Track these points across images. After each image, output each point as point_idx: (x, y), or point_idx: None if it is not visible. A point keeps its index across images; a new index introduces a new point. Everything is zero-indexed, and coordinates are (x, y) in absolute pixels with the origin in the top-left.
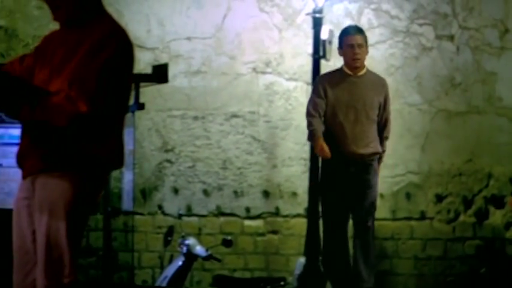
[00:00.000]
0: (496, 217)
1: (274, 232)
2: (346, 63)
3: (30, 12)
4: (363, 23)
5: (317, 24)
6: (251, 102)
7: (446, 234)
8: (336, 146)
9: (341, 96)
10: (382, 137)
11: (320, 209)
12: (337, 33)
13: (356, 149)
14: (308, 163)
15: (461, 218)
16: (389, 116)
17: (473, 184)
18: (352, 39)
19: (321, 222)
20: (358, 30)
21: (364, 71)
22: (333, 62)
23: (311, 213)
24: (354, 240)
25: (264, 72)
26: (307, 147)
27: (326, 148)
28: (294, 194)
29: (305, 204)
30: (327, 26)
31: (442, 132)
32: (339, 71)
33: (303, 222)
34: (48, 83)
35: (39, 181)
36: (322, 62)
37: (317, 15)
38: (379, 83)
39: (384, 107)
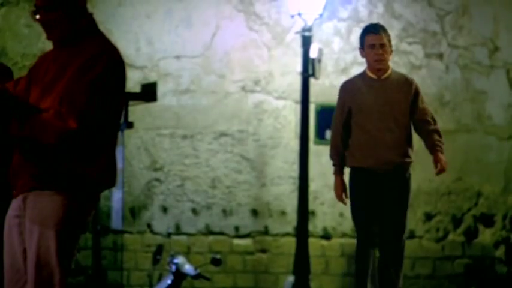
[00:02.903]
0: (486, 236)
1: (263, 251)
2: (368, 65)
3: (19, 30)
4: (352, 42)
5: (306, 42)
6: (240, 120)
7: (435, 252)
8: (367, 156)
9: (365, 103)
10: (429, 130)
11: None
12: (326, 52)
13: (389, 158)
14: (297, 182)
15: (451, 236)
16: (426, 112)
17: (462, 203)
18: (373, 39)
19: (310, 240)
20: (380, 28)
21: (389, 72)
22: (322, 80)
23: (300, 232)
24: (380, 263)
25: (253, 91)
26: (296, 166)
27: (341, 193)
28: (283, 212)
29: (294, 223)
30: (316, 44)
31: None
32: (361, 75)
33: (292, 241)
34: (40, 101)
35: (30, 199)
36: (312, 80)
37: (306, 33)
38: (405, 83)
39: (415, 107)
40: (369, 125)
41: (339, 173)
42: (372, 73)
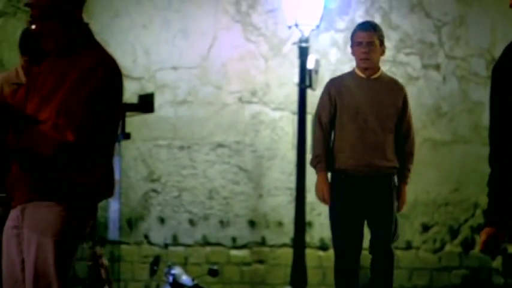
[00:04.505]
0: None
1: (260, 262)
2: (356, 64)
3: (16, 41)
4: (349, 53)
5: (303, 53)
6: (237, 132)
7: (432, 263)
8: (348, 158)
9: (350, 101)
10: (406, 152)
11: (330, 234)
12: (323, 63)
13: (371, 161)
14: (294, 193)
15: (447, 247)
16: (410, 126)
17: (459, 214)
18: (360, 36)
19: (307, 251)
20: (370, 26)
21: (378, 74)
22: (319, 91)
23: (297, 243)
24: (371, 271)
25: (250, 102)
26: (293, 177)
27: (326, 192)
28: (280, 223)
29: (291, 234)
30: (313, 55)
31: (428, 162)
32: (350, 74)
33: (289, 252)
34: (38, 113)
35: (28, 210)
36: (308, 91)
37: (303, 44)
38: (395, 87)
39: (402, 116)
40: (352, 126)
41: (323, 169)
42: (361, 72)
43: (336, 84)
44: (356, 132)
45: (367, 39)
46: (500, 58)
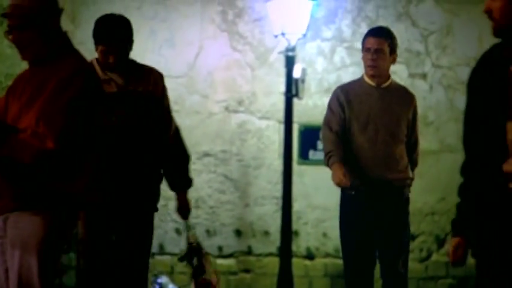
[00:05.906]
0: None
1: (247, 271)
2: (364, 71)
3: (2, 50)
4: (336, 62)
5: (289, 62)
6: (223, 141)
7: (419, 273)
8: (359, 171)
9: (360, 111)
10: (413, 162)
11: (341, 249)
12: (309, 72)
13: (383, 174)
14: (280, 202)
15: (434, 257)
16: (418, 137)
17: (446, 223)
18: (369, 42)
19: (293, 260)
20: (381, 32)
21: (388, 82)
22: (305, 100)
23: (283, 252)
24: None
25: (236, 111)
26: (279, 186)
27: (342, 175)
28: (267, 232)
29: (277, 243)
30: (299, 64)
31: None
32: (358, 81)
33: (275, 261)
34: (17, 121)
35: (11, 220)
36: (295, 100)
37: (289, 53)
38: (406, 97)
39: (412, 126)
40: (362, 137)
41: (337, 160)
42: (370, 80)
43: (344, 92)
44: (367, 144)
45: (376, 45)
46: (474, 68)
